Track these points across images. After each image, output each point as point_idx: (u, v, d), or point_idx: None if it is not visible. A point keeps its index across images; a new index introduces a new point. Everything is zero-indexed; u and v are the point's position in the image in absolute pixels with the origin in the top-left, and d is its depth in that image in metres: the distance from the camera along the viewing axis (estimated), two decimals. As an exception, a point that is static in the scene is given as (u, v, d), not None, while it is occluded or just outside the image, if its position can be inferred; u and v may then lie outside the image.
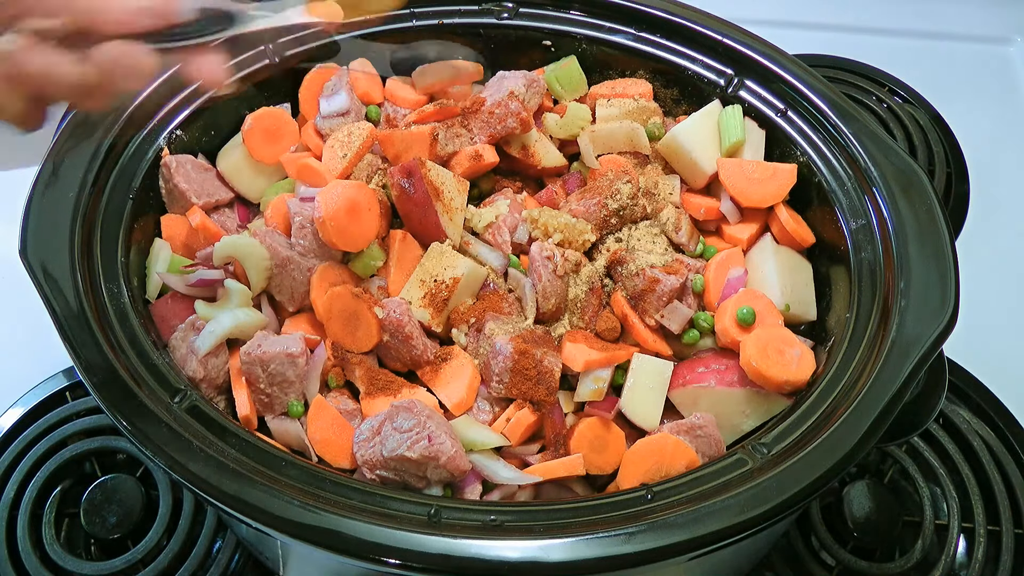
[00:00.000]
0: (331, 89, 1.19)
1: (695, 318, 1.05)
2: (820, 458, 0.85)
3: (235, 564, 1.14)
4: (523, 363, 0.97)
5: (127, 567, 1.11)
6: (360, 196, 1.05)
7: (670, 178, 1.17)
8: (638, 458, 0.96)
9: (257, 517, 0.82)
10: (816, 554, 1.15)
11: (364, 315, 1.00)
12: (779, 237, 1.13)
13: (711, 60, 1.19)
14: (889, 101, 1.58)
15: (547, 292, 1.03)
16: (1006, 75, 1.68)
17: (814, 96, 1.12)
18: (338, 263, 1.07)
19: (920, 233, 0.99)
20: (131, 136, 1.08)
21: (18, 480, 1.15)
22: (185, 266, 1.08)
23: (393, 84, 1.23)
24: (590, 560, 0.79)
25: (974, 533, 1.15)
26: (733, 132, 1.14)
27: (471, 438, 0.96)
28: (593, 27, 1.23)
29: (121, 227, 1.04)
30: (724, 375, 1.01)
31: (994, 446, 1.22)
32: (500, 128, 1.13)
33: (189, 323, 1.01)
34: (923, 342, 0.90)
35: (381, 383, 1.01)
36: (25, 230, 0.95)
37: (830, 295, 1.09)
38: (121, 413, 0.86)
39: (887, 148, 1.06)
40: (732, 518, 0.81)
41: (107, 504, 1.13)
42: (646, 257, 1.07)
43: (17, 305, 1.25)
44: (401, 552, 0.79)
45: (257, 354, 0.98)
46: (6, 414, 1.23)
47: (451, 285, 1.03)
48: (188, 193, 1.11)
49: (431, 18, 1.23)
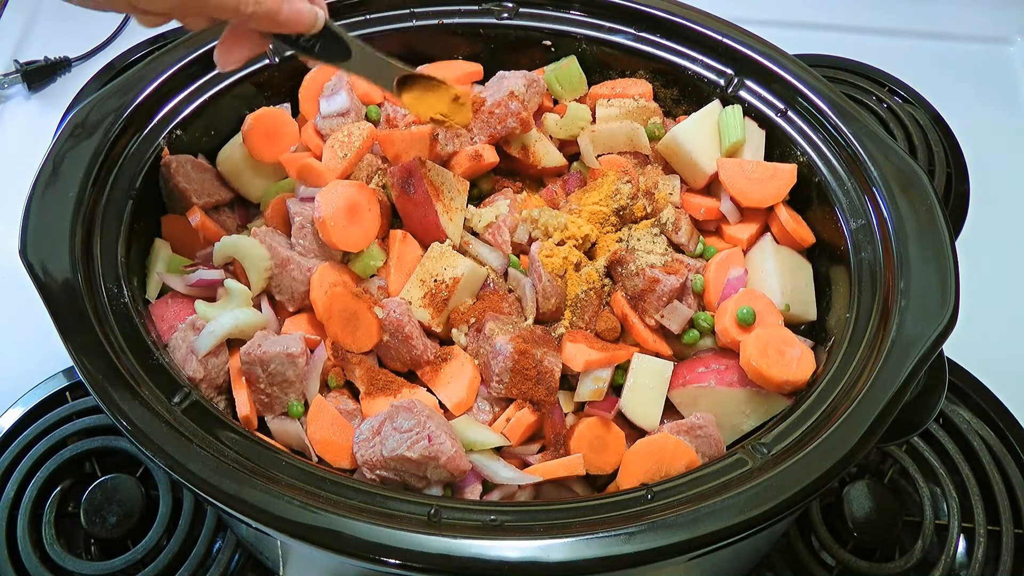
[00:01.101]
0: (331, 89, 1.19)
1: (695, 318, 1.05)
2: (820, 458, 0.85)
3: (235, 564, 1.14)
4: (523, 363, 0.97)
5: (127, 567, 1.10)
6: (360, 196, 1.05)
7: (670, 178, 1.17)
8: (638, 458, 0.96)
9: (257, 517, 0.82)
10: (816, 554, 1.15)
11: (364, 315, 1.00)
12: (779, 237, 1.13)
13: (711, 60, 1.19)
14: (889, 101, 1.58)
15: (547, 292, 1.03)
16: (1006, 75, 1.68)
17: (814, 96, 1.12)
18: (338, 263, 1.07)
19: (920, 233, 0.99)
20: (131, 136, 1.08)
21: (18, 480, 1.15)
22: (185, 266, 1.09)
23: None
24: (590, 560, 0.79)
25: (974, 533, 1.15)
26: (733, 132, 1.14)
27: (471, 438, 0.96)
28: (593, 27, 1.23)
29: (121, 227, 1.04)
30: (724, 375, 1.01)
31: (994, 446, 1.22)
32: (500, 128, 1.13)
33: (189, 323, 1.01)
34: (923, 342, 0.91)
35: (381, 383, 1.01)
36: (25, 230, 0.95)
37: (830, 295, 1.09)
38: (121, 413, 0.86)
39: (887, 148, 1.06)
40: (732, 518, 0.81)
41: (107, 504, 1.13)
42: (646, 257, 1.07)
43: (17, 305, 1.25)
44: (401, 552, 0.79)
45: (257, 354, 0.98)
46: (6, 414, 1.22)
47: (451, 285, 1.03)
48: (188, 193, 1.11)
49: (431, 18, 1.23)
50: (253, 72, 1.18)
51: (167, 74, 1.11)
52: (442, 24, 1.23)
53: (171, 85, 1.12)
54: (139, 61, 1.14)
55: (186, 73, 1.13)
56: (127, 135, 1.07)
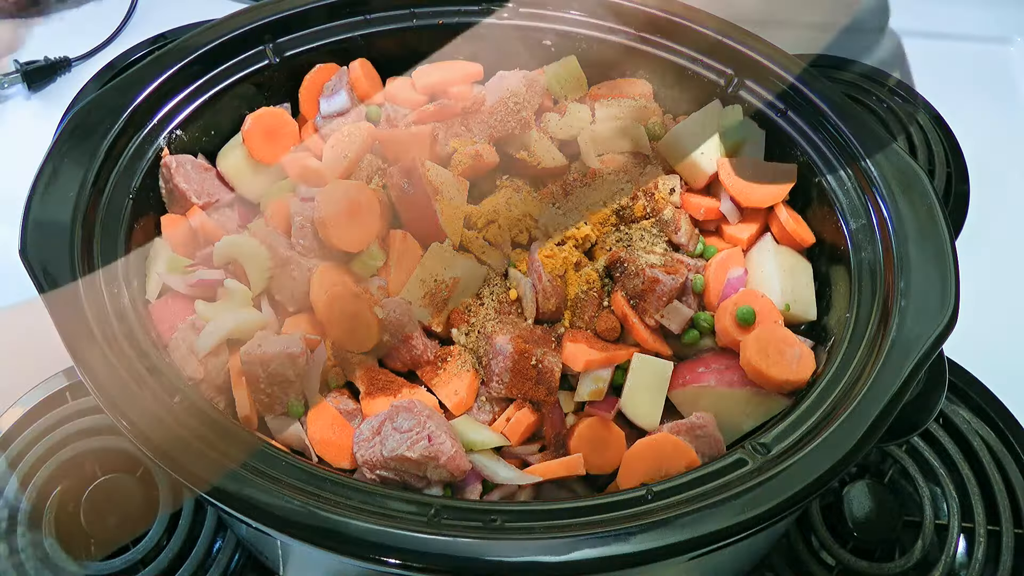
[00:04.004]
0: (331, 89, 1.19)
1: (695, 318, 1.05)
2: (820, 458, 0.85)
3: (235, 564, 1.13)
4: (523, 363, 0.97)
5: (127, 567, 1.10)
6: (360, 196, 1.05)
7: (670, 178, 1.17)
8: (638, 458, 0.96)
9: (257, 517, 0.82)
10: (816, 554, 1.15)
11: (364, 315, 1.00)
12: (779, 237, 1.13)
13: (711, 60, 1.19)
14: (889, 101, 1.58)
15: (547, 292, 1.03)
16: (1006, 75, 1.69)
17: (814, 96, 1.12)
18: (338, 263, 1.07)
19: (920, 233, 0.99)
20: (131, 136, 1.08)
21: (18, 480, 1.15)
22: (185, 266, 1.08)
23: (393, 84, 1.23)
24: (590, 560, 0.79)
25: (974, 533, 1.15)
26: (733, 132, 1.14)
27: (471, 438, 0.96)
28: (593, 27, 1.23)
29: (121, 227, 1.03)
30: (724, 375, 1.01)
31: (994, 446, 1.22)
32: (500, 128, 1.13)
33: (189, 323, 1.01)
34: (923, 342, 0.90)
35: (381, 383, 1.01)
36: (25, 230, 0.95)
37: (830, 295, 1.09)
38: (121, 413, 0.86)
39: (887, 148, 1.06)
40: (732, 518, 0.81)
41: (107, 504, 1.13)
42: (646, 257, 1.07)
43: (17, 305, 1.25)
44: (401, 552, 0.79)
45: (257, 354, 0.98)
46: (6, 414, 1.22)
47: (451, 285, 1.03)
48: (188, 193, 1.11)
49: (431, 18, 1.23)
50: (253, 72, 1.18)
51: (167, 74, 1.11)
52: (442, 24, 1.23)
53: (171, 85, 1.12)
54: (139, 61, 1.13)
55: (186, 73, 1.13)
56: (127, 135, 1.07)
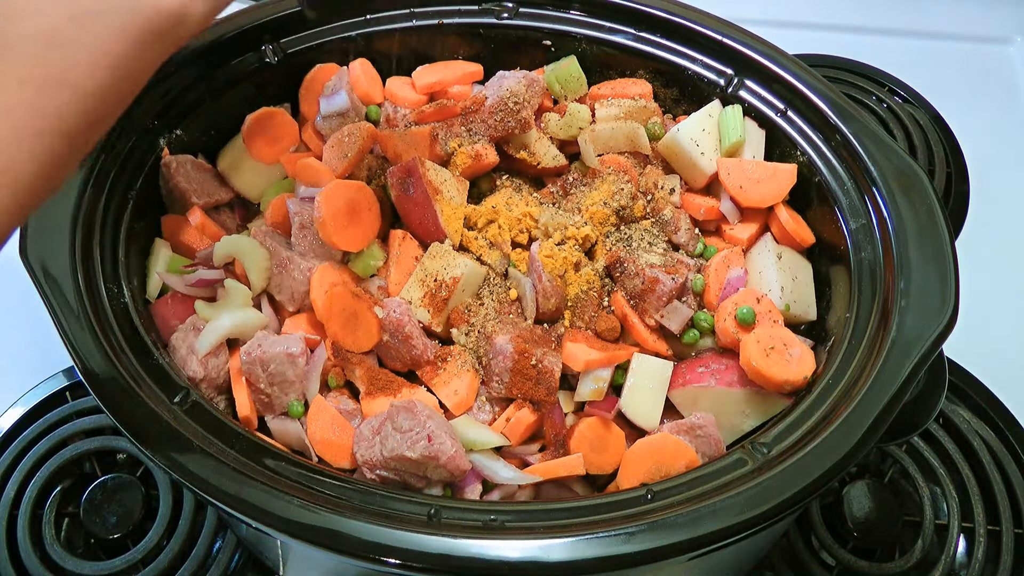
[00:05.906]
0: (331, 89, 1.19)
1: (695, 318, 1.05)
2: (820, 458, 0.85)
3: (235, 564, 1.14)
4: (523, 363, 0.97)
5: (127, 567, 1.10)
6: (360, 196, 1.05)
7: (670, 178, 1.17)
8: (638, 458, 0.96)
9: (257, 517, 0.82)
10: (816, 554, 1.15)
11: (364, 315, 1.00)
12: (779, 237, 1.13)
13: (711, 60, 1.19)
14: (889, 101, 1.58)
15: (547, 292, 1.03)
16: (1006, 75, 1.68)
17: (814, 96, 1.12)
18: (338, 263, 1.07)
19: (920, 233, 0.99)
20: (131, 136, 1.08)
21: (18, 480, 1.15)
22: (185, 266, 1.08)
23: (393, 84, 1.23)
24: (590, 560, 0.79)
25: (974, 533, 1.15)
26: (733, 132, 1.14)
27: (471, 438, 0.96)
28: (593, 27, 1.23)
29: (121, 227, 1.03)
30: (724, 375, 1.01)
31: (994, 446, 1.22)
32: (500, 128, 1.13)
33: (189, 323, 1.01)
34: (923, 342, 0.90)
35: (381, 383, 1.01)
36: (25, 230, 0.95)
37: (830, 295, 1.09)
38: (121, 413, 0.86)
39: (887, 148, 1.06)
40: (732, 518, 0.81)
41: (107, 504, 1.13)
42: (646, 257, 1.07)
43: (17, 305, 1.25)
44: (401, 552, 0.79)
45: (257, 354, 0.98)
46: (6, 414, 1.22)
47: (451, 285, 1.03)
48: (188, 193, 1.11)
49: (431, 18, 1.23)
50: (253, 72, 1.18)
51: (167, 74, 1.11)
52: (442, 24, 1.23)
53: (171, 85, 1.12)
54: (139, 61, 1.14)
55: (186, 73, 1.13)
56: (127, 135, 1.07)
